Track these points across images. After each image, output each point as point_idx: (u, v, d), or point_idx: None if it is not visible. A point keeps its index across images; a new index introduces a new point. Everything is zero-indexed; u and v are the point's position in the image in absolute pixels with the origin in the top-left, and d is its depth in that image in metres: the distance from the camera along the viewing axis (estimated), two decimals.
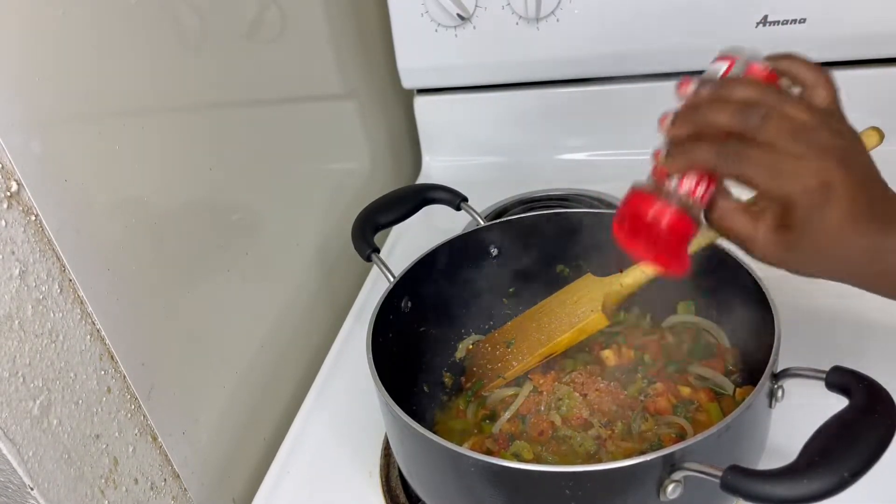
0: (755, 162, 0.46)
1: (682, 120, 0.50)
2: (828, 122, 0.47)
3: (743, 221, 0.49)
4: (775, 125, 0.46)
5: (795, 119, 0.46)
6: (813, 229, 0.46)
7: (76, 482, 0.56)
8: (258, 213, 0.87)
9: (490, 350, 0.77)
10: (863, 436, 0.45)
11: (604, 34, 1.03)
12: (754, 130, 0.46)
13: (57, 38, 0.56)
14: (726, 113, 0.47)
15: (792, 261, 0.49)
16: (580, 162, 1.17)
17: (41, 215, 0.52)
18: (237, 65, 0.82)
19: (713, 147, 0.48)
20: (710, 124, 0.48)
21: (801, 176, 0.45)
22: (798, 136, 0.46)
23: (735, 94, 0.48)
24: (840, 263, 0.49)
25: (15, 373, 0.50)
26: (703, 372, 0.70)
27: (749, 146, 0.47)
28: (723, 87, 0.49)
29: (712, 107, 0.48)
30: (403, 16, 1.07)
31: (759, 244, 0.49)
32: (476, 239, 0.80)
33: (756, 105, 0.47)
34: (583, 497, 0.52)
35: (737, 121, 0.47)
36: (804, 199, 0.46)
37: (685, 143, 0.49)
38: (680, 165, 0.50)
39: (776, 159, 0.46)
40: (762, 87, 0.48)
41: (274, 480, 0.76)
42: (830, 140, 0.46)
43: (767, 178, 0.46)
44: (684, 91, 0.50)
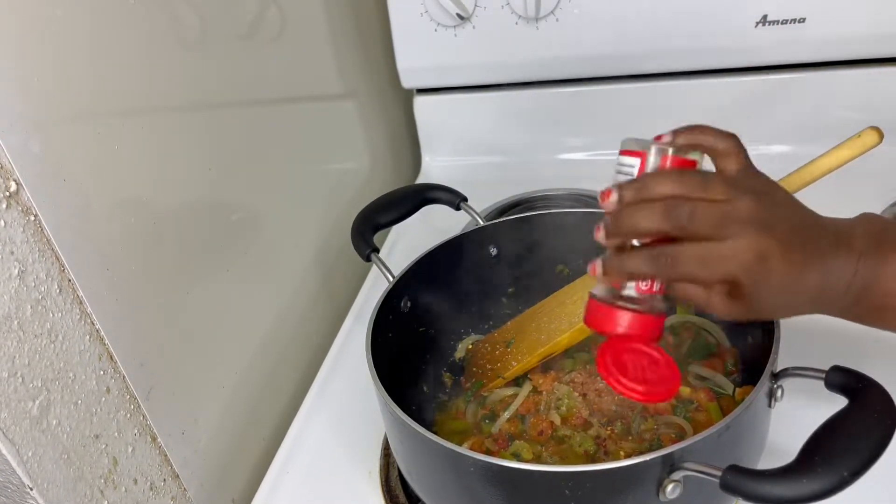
0: (690, 261, 0.48)
1: (614, 231, 0.51)
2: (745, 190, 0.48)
3: (698, 294, 0.51)
4: (702, 217, 0.47)
5: (717, 203, 0.47)
6: (760, 293, 0.48)
7: (75, 482, 0.56)
8: (258, 213, 0.87)
9: (490, 350, 0.77)
10: (862, 436, 0.45)
11: (603, 34, 1.03)
12: (684, 227, 0.48)
13: (57, 38, 0.56)
14: (654, 218, 0.48)
15: (751, 314, 0.50)
16: (580, 162, 1.17)
17: (40, 215, 0.52)
18: (237, 65, 0.82)
19: (647, 257, 0.50)
20: (641, 233, 0.50)
21: (736, 257, 0.47)
22: (724, 220, 0.47)
23: (656, 192, 0.49)
24: (795, 305, 0.50)
25: (14, 373, 0.50)
26: (703, 372, 0.70)
27: (679, 247, 0.48)
28: (644, 188, 0.50)
29: (639, 213, 0.49)
30: (403, 16, 1.07)
31: (717, 310, 0.51)
32: (476, 239, 0.80)
33: (678, 201, 0.48)
34: (583, 497, 0.52)
35: (666, 224, 0.48)
36: (745, 275, 0.47)
37: (619, 256, 0.51)
38: (616, 277, 0.52)
39: (709, 250, 0.47)
40: (680, 177, 0.49)
41: (273, 480, 0.76)
42: (752, 208, 0.47)
43: (706, 270, 0.48)
44: (607, 201, 0.51)
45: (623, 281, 0.52)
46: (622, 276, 0.52)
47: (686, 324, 0.75)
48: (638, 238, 0.51)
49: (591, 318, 0.54)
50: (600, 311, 0.53)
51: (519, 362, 0.72)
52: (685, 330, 0.75)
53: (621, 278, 0.52)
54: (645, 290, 0.52)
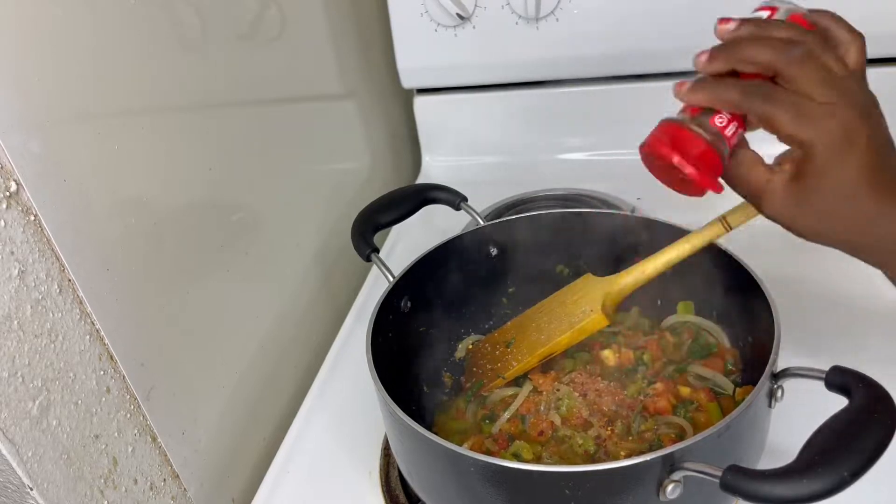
0: (784, 103, 0.46)
1: (719, 56, 0.49)
2: (857, 78, 0.48)
3: (760, 171, 0.49)
4: (812, 67, 0.46)
5: (830, 67, 0.47)
6: (828, 181, 0.47)
7: (75, 482, 0.56)
8: (258, 213, 0.87)
9: (490, 350, 0.77)
10: (862, 436, 0.45)
11: (603, 34, 1.03)
12: (790, 68, 0.46)
13: (57, 38, 0.56)
14: (765, 48, 0.47)
15: (800, 216, 0.49)
16: (580, 162, 1.17)
17: (40, 215, 0.52)
18: (237, 65, 0.82)
19: (743, 85, 0.48)
20: (748, 60, 0.48)
21: (827, 122, 0.46)
22: (831, 83, 0.46)
23: (775, 34, 0.48)
24: (845, 224, 0.49)
25: (14, 373, 0.50)
26: (703, 372, 0.70)
27: (779, 87, 0.47)
28: (765, 27, 0.49)
29: (753, 43, 0.48)
30: (403, 16, 1.07)
31: (772, 195, 0.49)
32: (476, 239, 0.80)
33: (798, 45, 0.47)
34: (583, 497, 0.52)
35: (777, 57, 0.47)
36: (826, 145, 0.46)
37: (714, 80, 0.49)
38: (706, 99, 0.49)
39: (804, 103, 0.46)
40: (803, 32, 0.48)
41: (274, 480, 0.76)
42: (859, 95, 0.47)
43: (793, 120, 0.46)
44: (724, 27, 0.50)
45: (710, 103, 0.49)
46: (710, 99, 0.49)
47: (686, 324, 0.75)
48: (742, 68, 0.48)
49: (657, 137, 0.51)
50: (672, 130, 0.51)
51: (519, 362, 0.72)
52: (685, 330, 0.75)
53: (709, 100, 0.49)
54: (720, 128, 0.50)
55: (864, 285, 0.81)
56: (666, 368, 0.71)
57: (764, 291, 0.62)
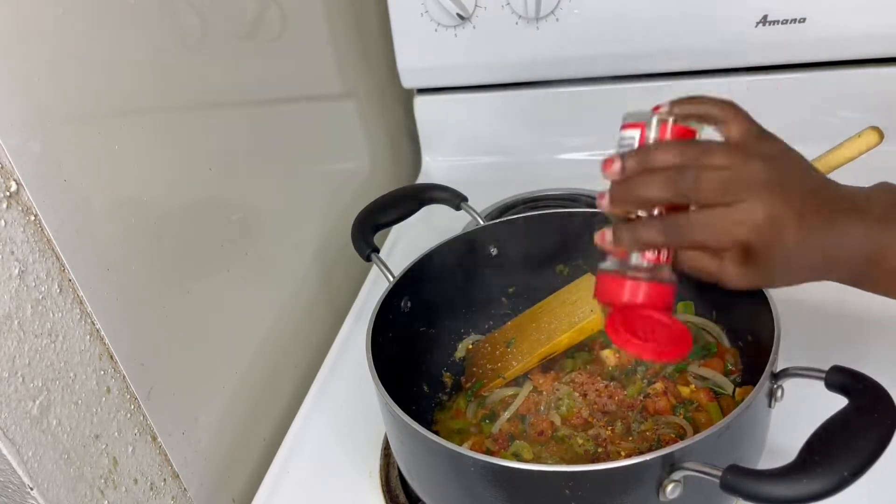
0: (700, 228, 0.48)
1: (619, 200, 0.51)
2: (751, 154, 0.48)
3: (708, 263, 0.51)
4: (706, 183, 0.47)
5: (722, 168, 0.47)
6: (774, 256, 0.48)
7: (76, 482, 0.56)
8: (258, 213, 0.87)
9: (490, 350, 0.77)
10: (862, 435, 0.45)
11: (603, 34, 1.03)
12: (689, 194, 0.47)
13: (57, 37, 0.56)
14: (659, 187, 0.48)
15: (764, 282, 0.50)
16: (580, 162, 1.17)
17: (40, 215, 0.52)
18: (237, 65, 0.82)
19: (657, 226, 0.49)
20: (646, 202, 0.50)
21: (747, 221, 0.47)
22: (729, 184, 0.47)
23: (659, 162, 0.49)
24: (808, 271, 0.50)
25: (14, 373, 0.50)
26: (703, 372, 0.70)
27: (689, 215, 0.48)
28: (646, 158, 0.50)
29: (643, 183, 0.49)
30: (403, 16, 1.07)
31: (729, 277, 0.51)
32: (476, 239, 0.80)
33: (682, 169, 0.48)
34: (583, 497, 0.52)
35: (671, 192, 0.48)
36: (757, 238, 0.47)
37: (629, 224, 0.51)
38: (629, 248, 0.52)
39: (718, 216, 0.47)
40: (681, 146, 0.49)
41: (274, 480, 0.76)
42: (760, 171, 0.47)
43: (717, 237, 0.48)
44: (610, 170, 0.51)
45: (632, 250, 0.51)
46: (632, 246, 0.51)
47: (686, 324, 0.75)
48: (644, 208, 0.50)
49: (601, 291, 0.53)
50: (610, 283, 0.53)
51: (519, 362, 0.72)
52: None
53: (631, 247, 0.51)
54: (653, 259, 0.51)
55: None
56: (666, 368, 0.71)
57: (764, 291, 0.63)
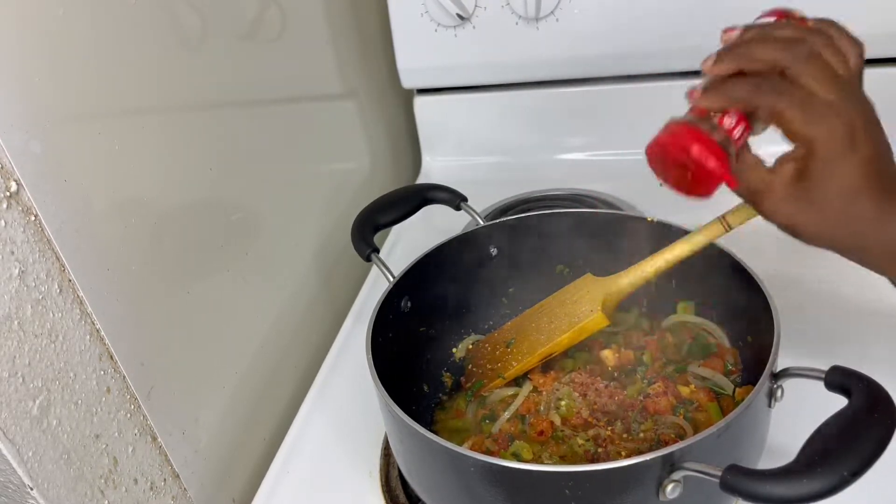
0: (790, 98, 0.47)
1: (726, 57, 0.50)
2: (859, 80, 0.49)
3: (761, 171, 0.50)
4: (818, 65, 0.47)
5: (835, 66, 0.47)
6: (829, 181, 0.47)
7: (76, 482, 0.56)
8: (258, 213, 0.87)
9: (490, 350, 0.77)
10: (862, 435, 0.45)
11: (603, 34, 1.03)
12: (798, 64, 0.47)
13: (57, 37, 0.56)
14: (772, 46, 0.48)
15: (799, 216, 0.49)
16: (580, 162, 1.17)
17: (41, 215, 0.52)
18: (237, 65, 0.82)
19: (753, 82, 0.48)
20: (755, 59, 0.49)
21: (831, 121, 0.46)
22: (835, 82, 0.47)
23: (782, 33, 0.49)
24: (844, 226, 0.49)
25: (14, 373, 0.50)
26: (703, 372, 0.70)
27: (787, 85, 0.47)
28: (771, 29, 0.50)
29: (759, 42, 0.49)
30: (403, 16, 1.07)
31: (772, 195, 0.50)
32: (476, 239, 0.80)
33: (802, 41, 0.48)
34: (583, 497, 0.52)
35: (783, 54, 0.47)
36: (829, 143, 0.46)
37: (724, 81, 0.50)
38: (717, 101, 0.50)
39: (811, 100, 0.47)
40: (808, 31, 0.49)
41: (274, 480, 0.76)
42: (861, 97, 0.48)
43: (799, 115, 0.47)
44: (728, 34, 0.51)
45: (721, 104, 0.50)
46: (721, 96, 0.50)
47: (686, 324, 0.75)
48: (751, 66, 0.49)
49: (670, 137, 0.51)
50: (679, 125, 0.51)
51: (519, 362, 0.72)
52: (685, 330, 0.75)
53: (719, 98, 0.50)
54: (727, 129, 0.50)
55: (863, 285, 0.81)
56: (666, 368, 0.71)
57: (764, 291, 0.63)
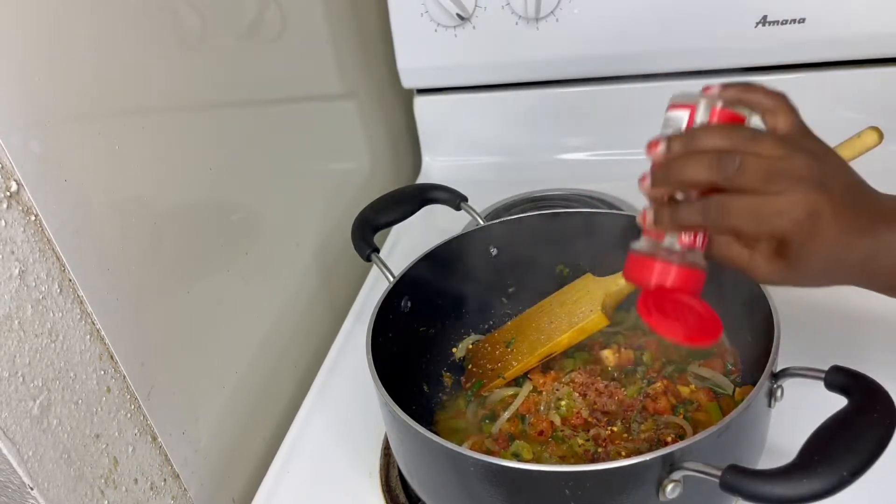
0: (740, 212, 0.48)
1: (661, 181, 0.51)
2: (798, 148, 0.48)
3: (739, 253, 0.51)
4: (751, 170, 0.47)
5: (768, 157, 0.47)
6: (807, 253, 0.48)
7: (76, 482, 0.56)
8: (258, 213, 0.87)
9: (490, 350, 0.77)
10: (862, 435, 0.45)
11: (603, 34, 1.03)
12: (733, 179, 0.47)
13: (57, 37, 0.56)
14: (702, 168, 0.48)
15: (792, 280, 0.50)
16: (580, 162, 1.17)
17: (41, 215, 0.52)
18: (237, 65, 0.82)
19: (697, 207, 0.49)
20: (688, 183, 0.49)
21: (787, 212, 0.46)
22: (774, 174, 0.47)
23: (705, 145, 0.49)
24: (839, 273, 0.50)
25: (15, 373, 0.50)
26: (703, 372, 0.70)
27: (730, 198, 0.48)
28: (692, 140, 0.50)
29: (686, 164, 0.49)
30: (403, 16, 1.07)
31: (758, 270, 0.50)
32: (476, 239, 0.80)
33: (728, 153, 0.47)
34: (583, 497, 0.52)
35: (714, 175, 0.48)
36: (794, 232, 0.47)
37: (669, 206, 0.51)
38: (668, 228, 0.52)
39: (759, 203, 0.47)
40: (729, 131, 0.49)
41: (274, 480, 0.76)
42: (805, 166, 0.47)
43: (755, 224, 0.47)
44: (654, 151, 0.51)
45: (670, 231, 0.52)
46: (671, 226, 0.51)
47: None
48: (684, 189, 0.50)
49: (631, 270, 0.54)
50: (641, 264, 0.53)
51: (519, 362, 0.72)
52: None
53: (671, 228, 0.51)
54: (687, 244, 0.51)
55: None
56: (666, 368, 0.72)
57: (764, 291, 0.63)
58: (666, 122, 0.53)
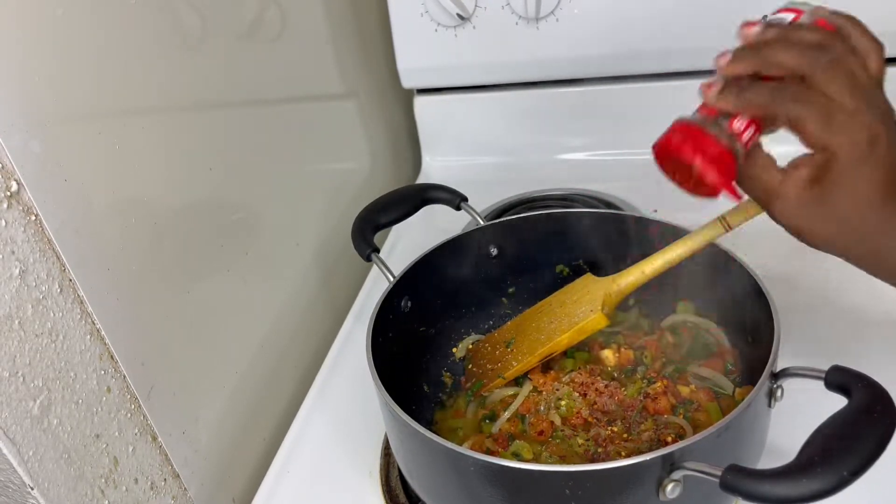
0: (811, 107, 0.46)
1: (744, 57, 0.48)
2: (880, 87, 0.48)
3: (773, 173, 0.49)
4: (840, 73, 0.46)
5: (857, 74, 0.46)
6: (844, 188, 0.46)
7: (76, 482, 0.56)
8: (258, 213, 0.87)
9: (490, 350, 0.77)
10: (862, 435, 0.45)
11: (603, 34, 1.03)
12: (820, 72, 0.46)
13: (57, 38, 0.56)
14: (794, 52, 0.47)
15: (810, 221, 0.48)
16: (580, 162, 1.17)
17: (41, 215, 0.52)
18: (237, 65, 0.82)
19: (770, 87, 0.47)
20: (774, 63, 0.47)
21: (852, 128, 0.45)
22: (858, 90, 0.46)
23: (804, 38, 0.48)
24: (855, 233, 0.48)
25: (15, 372, 0.50)
26: (703, 372, 0.70)
27: (806, 92, 0.46)
28: (791, 31, 0.48)
29: (780, 45, 0.47)
30: (403, 16, 1.07)
31: (784, 198, 0.48)
32: (476, 239, 0.80)
33: (823, 48, 0.46)
34: (583, 497, 0.52)
35: (804, 60, 0.46)
36: (849, 153, 0.46)
37: (742, 82, 0.48)
38: (734, 104, 0.48)
39: (832, 109, 0.45)
40: (831, 35, 0.48)
41: (274, 480, 0.76)
42: (883, 104, 0.47)
43: (820, 125, 0.46)
44: (749, 31, 0.49)
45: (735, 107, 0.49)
46: (736, 101, 0.48)
47: (686, 324, 0.75)
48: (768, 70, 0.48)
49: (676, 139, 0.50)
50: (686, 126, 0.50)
51: (519, 362, 0.72)
52: (685, 330, 0.75)
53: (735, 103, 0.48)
54: (736, 132, 0.49)
55: (864, 285, 0.81)
56: (666, 368, 0.72)
57: (764, 291, 0.63)
58: (768, 22, 0.51)
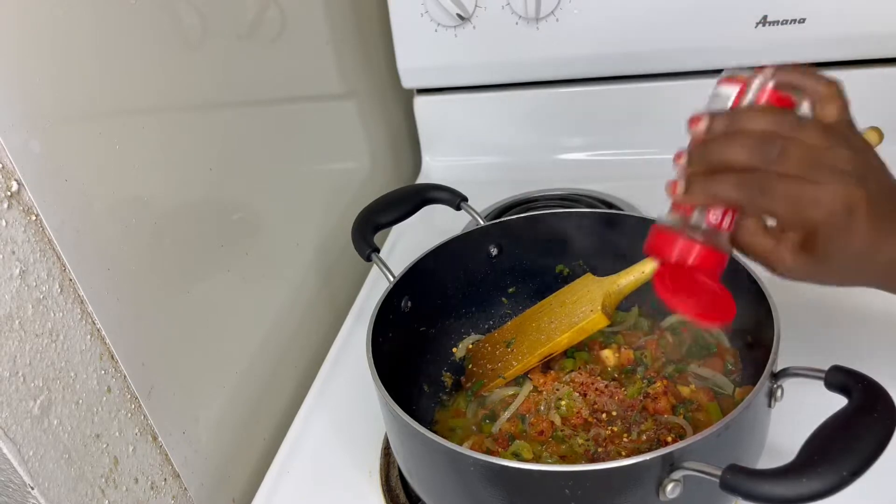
0: (778, 195, 0.46)
1: (699, 158, 0.49)
2: (842, 141, 0.47)
3: (766, 242, 0.49)
4: (794, 156, 0.46)
5: (812, 146, 0.46)
6: (835, 248, 0.47)
7: (76, 482, 0.56)
8: (258, 213, 0.87)
9: (490, 350, 0.77)
10: (862, 435, 0.45)
11: (603, 34, 1.03)
12: (774, 166, 0.46)
13: (57, 38, 0.56)
14: (744, 150, 0.47)
15: (815, 276, 0.49)
16: (580, 162, 1.17)
17: (41, 215, 0.52)
18: (237, 65, 0.82)
19: (735, 182, 0.47)
20: (726, 162, 0.48)
21: (824, 203, 0.45)
22: (816, 163, 0.46)
23: (749, 127, 0.47)
24: (861, 273, 0.50)
25: (15, 372, 0.50)
26: (703, 372, 0.70)
27: (770, 179, 0.46)
28: (736, 120, 0.48)
29: (728, 143, 0.48)
30: (403, 16, 1.07)
31: (782, 262, 0.49)
32: (476, 239, 0.80)
33: (771, 138, 0.46)
34: (583, 497, 0.52)
35: (755, 157, 0.46)
36: (828, 224, 0.46)
37: (704, 178, 0.49)
38: (701, 201, 0.49)
39: (798, 189, 0.46)
40: (776, 115, 0.48)
41: (274, 480, 0.76)
42: (847, 160, 0.46)
43: (791, 209, 0.46)
44: (696, 126, 0.50)
45: (702, 204, 0.50)
46: (703, 198, 0.49)
47: (686, 324, 0.75)
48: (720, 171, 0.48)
49: (654, 244, 0.52)
50: (665, 237, 0.51)
51: (519, 362, 0.72)
52: (685, 330, 0.75)
53: (702, 201, 0.49)
54: (714, 224, 0.50)
55: None
56: (666, 368, 0.72)
57: (764, 291, 0.63)
58: (713, 96, 0.51)
